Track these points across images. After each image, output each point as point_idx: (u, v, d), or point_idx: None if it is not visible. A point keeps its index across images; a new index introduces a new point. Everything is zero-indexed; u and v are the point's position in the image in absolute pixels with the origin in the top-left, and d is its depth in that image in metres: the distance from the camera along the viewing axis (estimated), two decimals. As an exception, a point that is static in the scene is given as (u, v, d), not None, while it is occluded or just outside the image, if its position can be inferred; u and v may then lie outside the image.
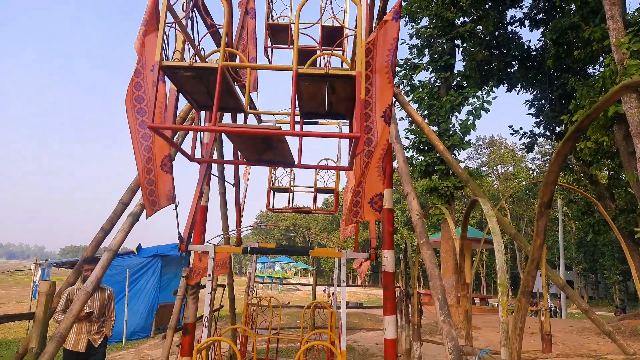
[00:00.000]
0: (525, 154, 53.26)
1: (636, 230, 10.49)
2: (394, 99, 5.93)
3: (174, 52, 2.97)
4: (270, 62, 6.45)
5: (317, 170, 7.24)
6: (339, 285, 5.46)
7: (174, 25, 2.68)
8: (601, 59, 15.99)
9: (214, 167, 6.72)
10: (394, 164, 5.88)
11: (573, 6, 14.81)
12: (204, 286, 6.98)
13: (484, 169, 61.22)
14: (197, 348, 3.76)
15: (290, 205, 7.99)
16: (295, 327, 12.29)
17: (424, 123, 5.82)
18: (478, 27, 16.43)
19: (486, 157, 62.83)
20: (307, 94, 2.86)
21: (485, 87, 18.40)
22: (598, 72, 16.26)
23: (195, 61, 2.58)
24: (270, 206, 7.76)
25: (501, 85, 20.38)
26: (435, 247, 21.60)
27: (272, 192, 7.69)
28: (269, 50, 6.55)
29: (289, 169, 7.51)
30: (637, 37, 9.50)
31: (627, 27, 10.09)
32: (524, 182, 56.61)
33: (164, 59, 2.50)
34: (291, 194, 7.79)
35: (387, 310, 5.45)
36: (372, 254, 5.85)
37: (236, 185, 7.55)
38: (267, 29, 6.37)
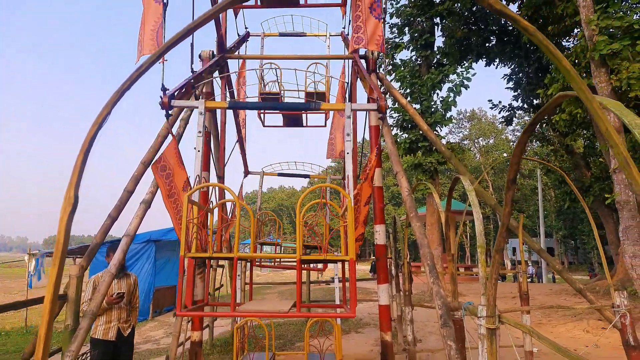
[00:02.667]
0: (505, 126, 54.27)
1: (607, 196, 11.18)
2: (379, 82, 6.34)
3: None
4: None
5: (307, 74, 7.52)
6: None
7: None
8: (576, 30, 16.53)
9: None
10: (382, 143, 6.31)
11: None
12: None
13: (465, 142, 62.17)
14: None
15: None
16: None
17: (409, 105, 6.23)
18: (456, 5, 16.76)
19: (467, 130, 63.69)
20: None
21: (465, 62, 18.87)
22: (572, 45, 16.80)
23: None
24: (262, 114, 7.89)
25: (480, 60, 20.84)
26: (421, 220, 22.27)
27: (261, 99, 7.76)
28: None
29: (278, 74, 7.59)
30: (605, 14, 9.98)
31: (596, 4, 10.56)
32: (504, 154, 57.76)
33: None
34: (282, 99, 7.66)
35: (380, 279, 5.95)
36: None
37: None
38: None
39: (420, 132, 14.75)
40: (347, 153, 4.52)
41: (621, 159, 0.88)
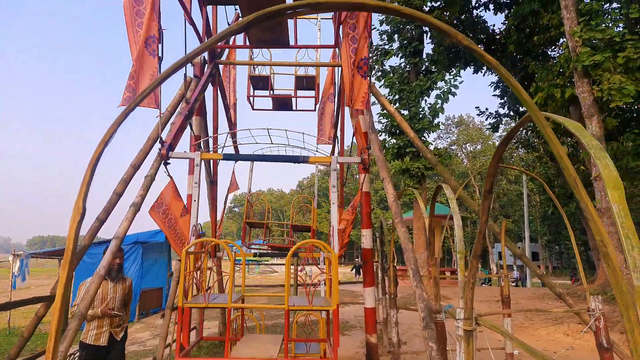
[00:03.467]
0: (492, 132, 54.96)
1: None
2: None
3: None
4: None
5: (297, 57, 7.67)
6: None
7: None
8: (561, 40, 16.88)
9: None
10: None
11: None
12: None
13: (453, 147, 62.81)
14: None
15: (272, 93, 8.16)
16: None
17: (397, 113, 6.39)
18: (445, 14, 17.02)
19: (455, 136, 64.32)
20: None
21: (453, 69, 19.14)
22: (557, 55, 17.15)
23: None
24: (251, 97, 7.92)
25: (468, 67, 21.11)
26: (408, 224, 22.59)
27: (252, 86, 7.94)
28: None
29: (268, 58, 7.67)
30: (588, 27, 10.26)
31: (580, 16, 10.84)
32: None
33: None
34: (271, 82, 7.92)
35: (366, 282, 6.09)
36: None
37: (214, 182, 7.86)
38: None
39: (408, 137, 14.97)
40: (333, 204, 4.82)
41: (571, 179, 1.01)
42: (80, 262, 13.48)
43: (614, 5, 12.35)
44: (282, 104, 8.06)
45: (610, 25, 10.82)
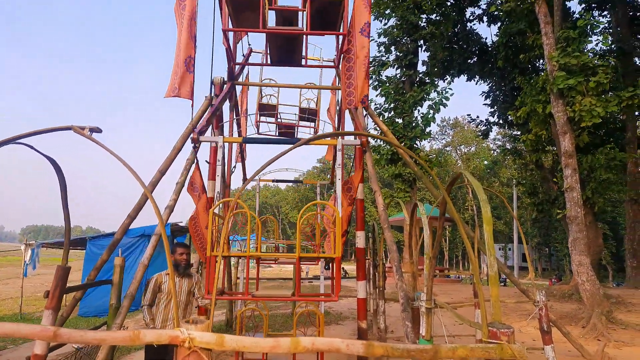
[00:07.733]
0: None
1: (558, 211, 12.59)
2: (365, 111, 7.53)
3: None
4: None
5: (302, 90, 8.85)
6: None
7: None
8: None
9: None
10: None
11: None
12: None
13: (448, 148, 64.09)
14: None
15: (278, 120, 9.15)
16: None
17: (389, 132, 7.41)
18: (440, 28, 18.08)
19: (450, 137, 65.59)
20: None
21: (447, 76, 20.22)
22: (544, 68, 18.25)
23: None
24: (259, 123, 9.07)
25: (462, 75, 22.17)
26: (401, 224, 23.74)
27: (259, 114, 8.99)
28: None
29: (277, 89, 8.84)
30: (564, 52, 11.34)
31: (558, 42, 11.93)
32: (485, 162, 59.82)
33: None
34: (278, 114, 8.99)
35: (359, 277, 7.16)
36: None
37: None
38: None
39: (401, 144, 16.01)
40: (338, 180, 5.85)
41: (455, 216, 2.07)
42: (87, 251, 14.55)
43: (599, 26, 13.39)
44: (287, 132, 9.04)
45: (584, 50, 11.89)
